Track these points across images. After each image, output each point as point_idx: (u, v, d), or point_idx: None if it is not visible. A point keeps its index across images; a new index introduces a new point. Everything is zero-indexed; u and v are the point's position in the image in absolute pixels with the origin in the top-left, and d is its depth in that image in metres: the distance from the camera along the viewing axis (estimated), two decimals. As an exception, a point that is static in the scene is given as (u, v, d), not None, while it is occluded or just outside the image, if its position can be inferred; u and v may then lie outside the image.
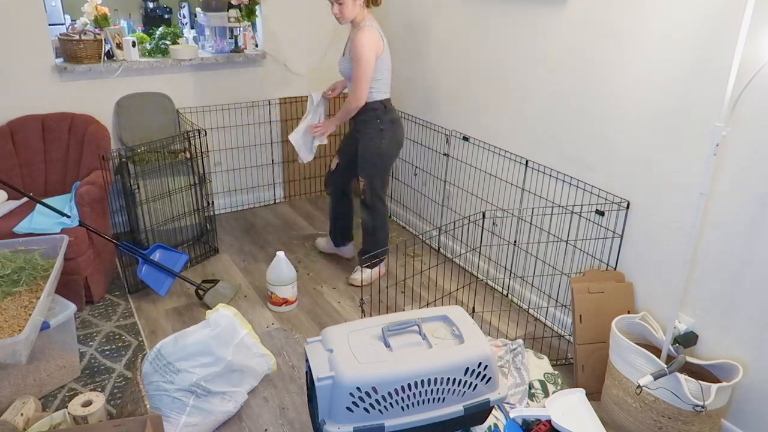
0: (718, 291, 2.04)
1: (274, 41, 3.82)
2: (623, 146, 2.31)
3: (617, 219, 2.37)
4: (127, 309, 2.86)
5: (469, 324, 1.77)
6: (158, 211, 3.18)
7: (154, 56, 3.55)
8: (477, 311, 2.85)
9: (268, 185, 4.14)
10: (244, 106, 3.86)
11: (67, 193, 3.06)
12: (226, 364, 2.02)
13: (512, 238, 2.93)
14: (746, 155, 1.88)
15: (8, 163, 3.07)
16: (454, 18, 3.10)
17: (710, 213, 2.02)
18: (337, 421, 1.58)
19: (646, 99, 2.19)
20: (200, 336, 2.03)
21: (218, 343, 2.02)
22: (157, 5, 4.38)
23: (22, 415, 2.01)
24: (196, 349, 2.00)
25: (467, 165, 3.18)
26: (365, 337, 1.70)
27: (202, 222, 3.41)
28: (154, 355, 2.04)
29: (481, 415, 1.74)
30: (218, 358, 2.02)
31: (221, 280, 2.99)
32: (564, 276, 2.64)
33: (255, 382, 2.25)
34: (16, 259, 2.30)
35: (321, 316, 2.86)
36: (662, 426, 1.95)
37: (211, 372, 2.00)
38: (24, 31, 3.10)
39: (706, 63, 1.96)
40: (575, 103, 2.49)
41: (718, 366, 2.00)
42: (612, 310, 2.26)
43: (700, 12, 1.95)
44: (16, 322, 2.05)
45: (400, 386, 1.58)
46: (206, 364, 2.00)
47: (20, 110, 3.18)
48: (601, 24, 2.31)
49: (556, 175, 2.62)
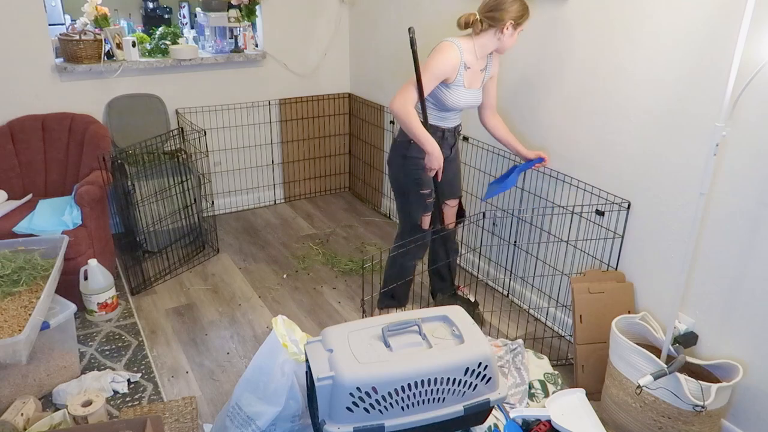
0: (718, 291, 2.04)
1: (274, 41, 3.82)
2: (624, 146, 2.31)
3: (618, 219, 2.37)
4: (127, 309, 2.86)
5: (469, 324, 1.76)
6: (155, 211, 3.19)
7: (154, 56, 3.55)
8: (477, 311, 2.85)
9: (268, 186, 4.14)
10: (244, 107, 3.86)
11: (67, 193, 3.06)
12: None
13: (512, 239, 2.93)
14: (746, 155, 1.88)
15: (8, 163, 3.07)
16: (454, 18, 3.10)
17: (710, 213, 2.02)
18: (337, 421, 1.58)
19: (646, 99, 2.19)
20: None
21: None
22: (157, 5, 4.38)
23: (22, 415, 2.01)
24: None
25: (467, 165, 3.18)
26: (365, 337, 1.70)
27: (200, 222, 3.41)
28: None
29: (481, 415, 1.74)
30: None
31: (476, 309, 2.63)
32: (564, 276, 2.64)
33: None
34: (16, 259, 2.30)
35: (321, 316, 2.86)
36: (662, 426, 1.95)
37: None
38: (24, 31, 3.10)
39: (706, 63, 1.96)
40: (576, 103, 2.49)
41: (718, 366, 2.00)
42: (612, 310, 2.25)
43: (700, 12, 1.95)
44: (16, 322, 2.05)
45: (400, 386, 1.58)
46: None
47: (20, 110, 3.18)
48: (601, 24, 2.31)
49: (557, 176, 2.62)
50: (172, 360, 2.52)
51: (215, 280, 3.15)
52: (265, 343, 1.88)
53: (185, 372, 2.45)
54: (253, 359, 1.89)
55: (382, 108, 3.82)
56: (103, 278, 2.70)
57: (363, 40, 3.93)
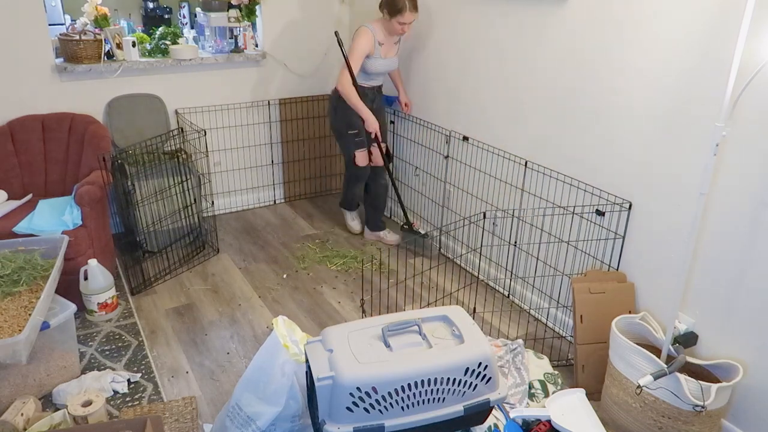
0: (718, 291, 2.04)
1: (274, 41, 3.82)
2: (624, 147, 2.31)
3: (619, 220, 2.37)
4: (127, 309, 2.86)
5: (469, 324, 1.76)
6: (155, 211, 3.19)
7: (154, 56, 3.55)
8: (478, 312, 2.85)
9: (268, 186, 4.14)
10: (244, 107, 3.86)
11: (67, 193, 3.06)
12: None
13: (513, 239, 2.93)
14: (746, 155, 1.88)
15: (8, 163, 3.07)
16: (454, 18, 3.10)
17: (710, 213, 2.02)
18: (337, 421, 1.58)
19: (646, 99, 2.19)
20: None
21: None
22: (157, 5, 4.37)
23: (22, 415, 2.01)
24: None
25: (467, 165, 3.18)
26: (365, 337, 1.70)
27: (200, 222, 3.41)
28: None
29: (481, 415, 1.74)
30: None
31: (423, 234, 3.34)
32: (565, 277, 2.64)
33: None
34: (16, 259, 2.30)
35: (321, 316, 2.86)
36: (662, 426, 1.95)
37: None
38: (24, 31, 3.10)
39: (706, 63, 1.96)
40: (575, 104, 2.49)
41: (718, 366, 2.00)
42: (613, 311, 2.25)
43: (700, 12, 1.95)
44: (16, 322, 2.05)
45: (400, 386, 1.58)
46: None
47: (20, 110, 3.18)
48: (601, 24, 2.31)
49: (557, 176, 2.62)
50: (172, 360, 2.52)
51: (215, 280, 3.15)
52: (266, 344, 1.88)
53: (185, 372, 2.45)
54: (253, 359, 1.89)
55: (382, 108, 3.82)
56: (103, 278, 2.70)
57: (363, 40, 3.93)
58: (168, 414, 2.13)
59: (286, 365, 1.81)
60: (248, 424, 1.83)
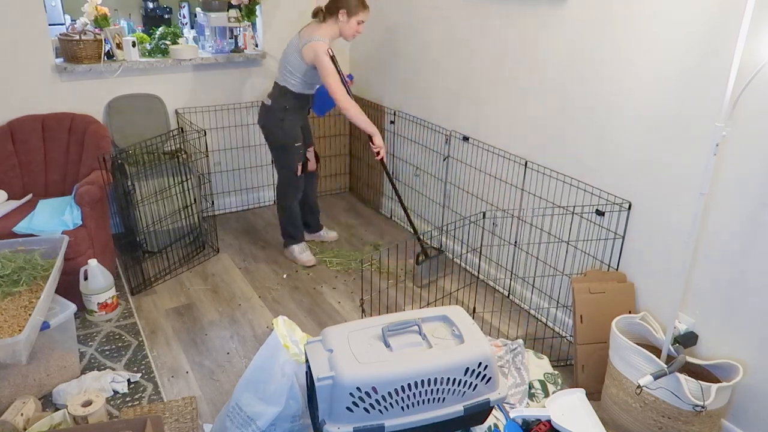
0: (718, 291, 2.04)
1: (274, 41, 3.81)
2: (624, 147, 2.31)
3: (619, 220, 2.37)
4: (127, 309, 2.86)
5: (469, 324, 1.76)
6: (155, 211, 3.19)
7: (154, 56, 3.55)
8: (478, 312, 2.85)
9: (268, 186, 4.14)
10: (245, 107, 3.86)
11: (67, 193, 3.06)
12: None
13: (513, 239, 2.93)
14: (746, 155, 1.88)
15: (8, 163, 3.07)
16: (454, 18, 3.10)
17: (710, 213, 2.02)
18: (337, 421, 1.58)
19: (646, 99, 2.19)
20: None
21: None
22: (157, 5, 4.37)
23: (22, 415, 2.01)
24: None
25: (467, 165, 3.18)
26: (365, 337, 1.70)
27: (200, 222, 3.41)
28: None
29: (481, 415, 1.74)
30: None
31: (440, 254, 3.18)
32: (565, 277, 2.64)
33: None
34: (16, 259, 2.30)
35: (321, 316, 2.86)
36: (662, 426, 1.95)
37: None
38: (24, 31, 3.10)
39: (706, 63, 1.96)
40: (576, 104, 2.49)
41: (718, 366, 2.00)
42: (613, 311, 2.25)
43: (700, 12, 1.95)
44: (16, 322, 2.05)
45: (400, 386, 1.58)
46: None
47: (20, 110, 3.18)
48: (600, 24, 2.31)
49: (557, 176, 2.62)
50: (172, 360, 2.52)
51: (215, 280, 3.15)
52: (266, 344, 1.88)
53: (185, 372, 2.45)
54: (253, 359, 1.89)
55: (383, 108, 3.82)
56: (103, 278, 2.70)
57: (363, 40, 3.93)
58: (168, 414, 2.13)
59: (286, 365, 1.81)
60: (248, 424, 1.83)
